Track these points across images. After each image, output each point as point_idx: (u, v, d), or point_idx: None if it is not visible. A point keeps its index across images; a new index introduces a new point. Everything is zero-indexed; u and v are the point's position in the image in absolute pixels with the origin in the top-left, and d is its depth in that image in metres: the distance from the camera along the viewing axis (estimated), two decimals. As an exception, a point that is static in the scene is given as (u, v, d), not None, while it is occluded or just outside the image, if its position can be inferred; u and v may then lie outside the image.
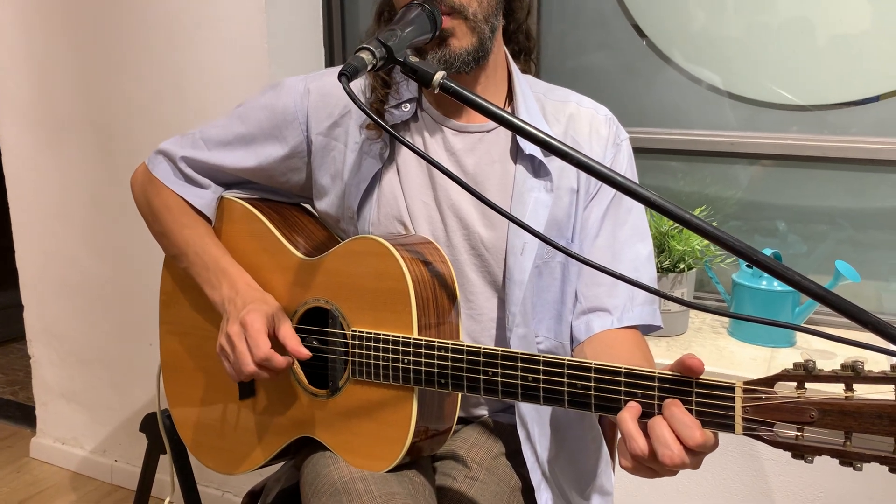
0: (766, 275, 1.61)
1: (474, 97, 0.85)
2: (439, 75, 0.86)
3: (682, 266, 1.66)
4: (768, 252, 1.65)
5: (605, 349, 1.07)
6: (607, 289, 1.10)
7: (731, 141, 1.78)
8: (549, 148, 0.82)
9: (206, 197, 1.21)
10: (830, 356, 1.58)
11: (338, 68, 1.18)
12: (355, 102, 0.82)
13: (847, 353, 1.58)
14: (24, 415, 2.84)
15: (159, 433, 1.64)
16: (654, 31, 1.82)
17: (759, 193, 1.82)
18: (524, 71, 1.19)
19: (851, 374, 0.72)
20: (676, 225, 1.66)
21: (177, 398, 1.31)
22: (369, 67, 0.87)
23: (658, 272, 1.65)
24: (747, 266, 1.68)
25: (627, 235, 1.12)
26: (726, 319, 1.77)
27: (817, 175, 1.75)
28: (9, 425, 2.83)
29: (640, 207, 1.13)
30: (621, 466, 0.82)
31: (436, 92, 0.87)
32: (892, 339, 0.75)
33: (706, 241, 1.67)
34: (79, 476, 2.50)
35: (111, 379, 2.41)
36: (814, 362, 0.75)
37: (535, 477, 1.10)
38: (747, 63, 1.76)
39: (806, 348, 1.62)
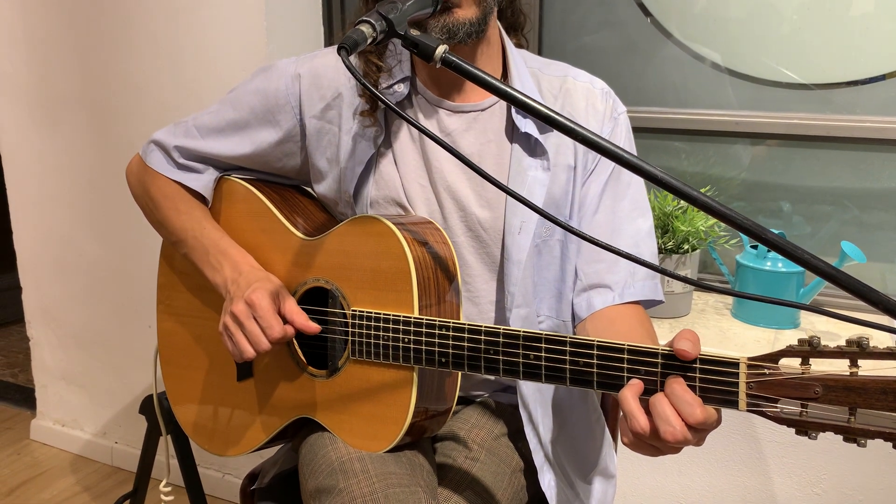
0: (770, 256, 1.60)
1: (476, 71, 0.83)
2: (441, 49, 0.84)
3: (685, 247, 1.64)
4: (774, 232, 1.64)
5: (608, 325, 1.06)
6: (608, 265, 1.09)
7: (736, 120, 1.76)
8: (548, 121, 0.80)
9: (202, 179, 1.20)
10: (835, 338, 1.56)
11: (329, 49, 1.17)
12: (354, 75, 0.81)
13: (851, 333, 1.57)
14: (24, 397, 2.84)
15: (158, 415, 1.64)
16: (659, 9, 1.79)
17: (764, 174, 1.80)
18: (518, 46, 1.18)
19: (856, 350, 0.72)
20: (680, 205, 1.64)
21: (174, 381, 1.30)
22: (369, 41, 0.85)
23: (661, 253, 1.64)
24: (752, 247, 1.66)
25: (627, 210, 1.11)
26: (730, 301, 1.76)
27: (822, 155, 1.73)
28: (9, 407, 2.84)
29: (639, 182, 1.12)
30: (623, 443, 0.81)
31: (438, 66, 0.85)
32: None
33: (710, 222, 1.65)
34: (79, 458, 2.51)
35: (111, 361, 2.41)
36: (818, 338, 0.74)
37: (538, 458, 1.10)
38: (752, 42, 1.74)
39: (810, 329, 1.61)
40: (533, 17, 1.87)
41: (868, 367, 0.72)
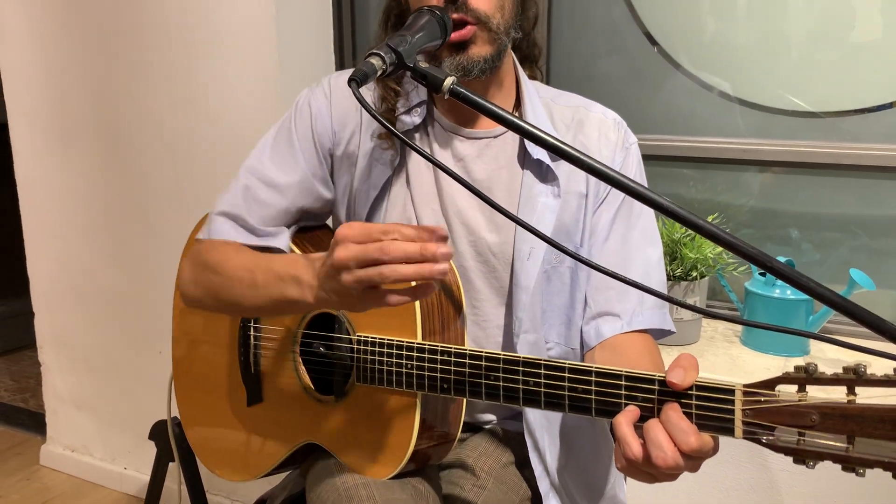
0: (779, 283, 1.60)
1: (483, 102, 0.85)
2: (449, 80, 0.86)
3: (694, 274, 1.65)
4: (781, 260, 1.64)
5: (615, 354, 1.06)
6: (617, 293, 1.09)
7: (743, 148, 1.77)
8: (557, 152, 0.81)
9: (283, 240, 1.14)
10: (842, 365, 1.56)
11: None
12: (363, 106, 0.82)
13: (861, 361, 1.56)
14: (35, 422, 2.85)
15: (168, 441, 1.65)
16: (665, 38, 1.81)
17: (772, 201, 1.80)
18: (531, 77, 1.20)
19: (853, 377, 0.71)
20: (689, 232, 1.65)
21: (187, 405, 1.31)
22: (379, 73, 0.87)
23: (670, 280, 1.64)
24: (760, 274, 1.66)
25: (637, 239, 1.11)
26: (739, 328, 1.75)
27: (830, 182, 1.74)
28: (19, 432, 2.85)
29: (649, 211, 1.13)
30: (617, 468, 0.82)
31: (445, 97, 0.87)
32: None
33: (718, 249, 1.65)
34: (88, 484, 2.51)
35: (121, 386, 2.42)
36: (815, 365, 0.73)
37: (543, 486, 1.10)
38: (759, 70, 1.75)
39: (821, 357, 1.60)
40: (542, 44, 1.90)
41: (866, 395, 0.72)
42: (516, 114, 1.13)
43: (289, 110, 1.17)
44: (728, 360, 1.59)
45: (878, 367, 0.77)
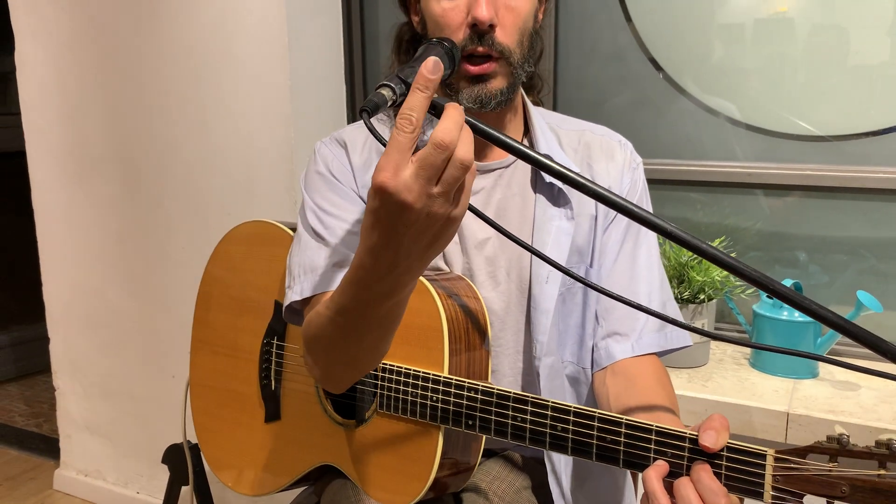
0: (786, 305, 1.61)
1: (495, 133, 0.86)
2: None
3: (701, 297, 1.66)
4: (789, 282, 1.65)
5: (627, 385, 1.07)
6: (626, 312, 1.11)
7: (749, 172, 1.79)
8: (567, 181, 0.82)
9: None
10: (854, 387, 1.56)
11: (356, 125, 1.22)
12: (374, 135, 0.81)
13: (870, 384, 1.57)
14: (48, 447, 2.87)
15: (181, 464, 1.67)
16: (669, 64, 1.84)
17: (779, 224, 1.82)
18: (535, 104, 1.23)
19: (886, 452, 0.73)
20: (695, 255, 1.66)
21: (203, 419, 1.33)
22: (389, 103, 0.88)
23: (678, 303, 1.65)
24: (767, 297, 1.67)
25: (644, 258, 1.14)
26: (748, 350, 1.76)
27: (837, 205, 1.75)
28: (33, 457, 2.86)
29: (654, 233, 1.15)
30: None
31: None
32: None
33: (726, 272, 1.67)
34: None
35: (134, 411, 2.44)
36: (847, 436, 0.75)
37: None
38: (765, 95, 1.78)
39: (829, 379, 1.61)
40: (548, 72, 1.93)
41: None
42: (525, 139, 1.16)
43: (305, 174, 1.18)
44: (737, 381, 1.60)
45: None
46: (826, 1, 1.70)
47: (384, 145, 0.76)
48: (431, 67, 0.71)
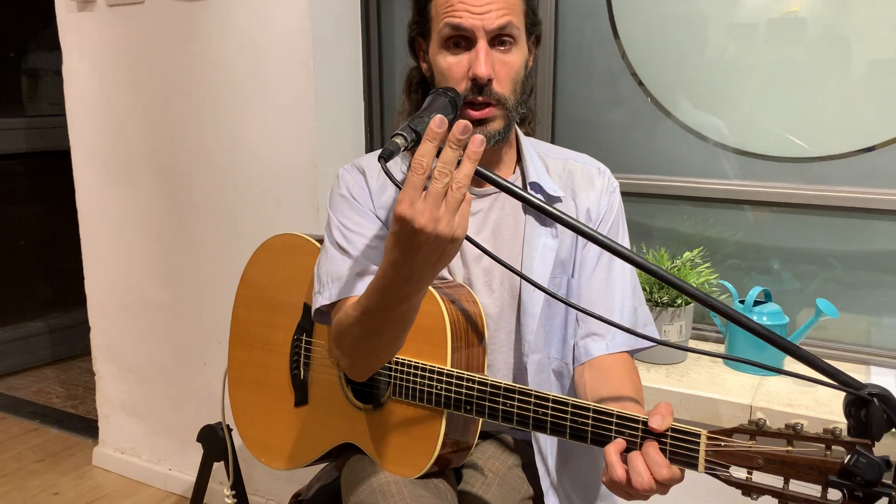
0: (755, 310, 1.79)
1: (493, 176, 1.03)
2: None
3: (679, 301, 1.83)
4: (759, 289, 1.82)
5: (602, 378, 1.24)
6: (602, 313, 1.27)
7: (730, 188, 1.93)
8: (545, 213, 1.02)
9: None
10: (812, 385, 1.72)
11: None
12: (391, 179, 0.97)
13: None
14: (85, 426, 3.02)
15: (215, 443, 1.81)
16: (657, 89, 1.99)
17: (757, 236, 1.96)
18: (527, 134, 1.39)
19: (792, 433, 0.89)
20: (675, 265, 1.85)
21: (240, 402, 1.49)
22: (402, 149, 1.02)
23: (658, 307, 1.83)
24: (739, 302, 1.85)
25: (619, 269, 1.31)
26: (722, 349, 1.94)
27: (806, 220, 1.89)
28: (72, 436, 3.01)
29: (628, 245, 1.32)
30: (602, 483, 1.02)
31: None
32: (818, 369, 0.96)
33: (702, 279, 1.85)
34: (136, 483, 2.67)
35: (167, 394, 2.56)
36: (764, 420, 0.92)
37: (545, 484, 1.28)
38: (747, 116, 1.91)
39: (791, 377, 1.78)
40: (547, 92, 2.09)
41: (801, 447, 0.89)
42: (518, 167, 1.33)
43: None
44: (710, 377, 1.77)
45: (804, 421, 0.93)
46: (807, 23, 1.81)
47: (398, 186, 0.93)
48: (439, 122, 0.89)
